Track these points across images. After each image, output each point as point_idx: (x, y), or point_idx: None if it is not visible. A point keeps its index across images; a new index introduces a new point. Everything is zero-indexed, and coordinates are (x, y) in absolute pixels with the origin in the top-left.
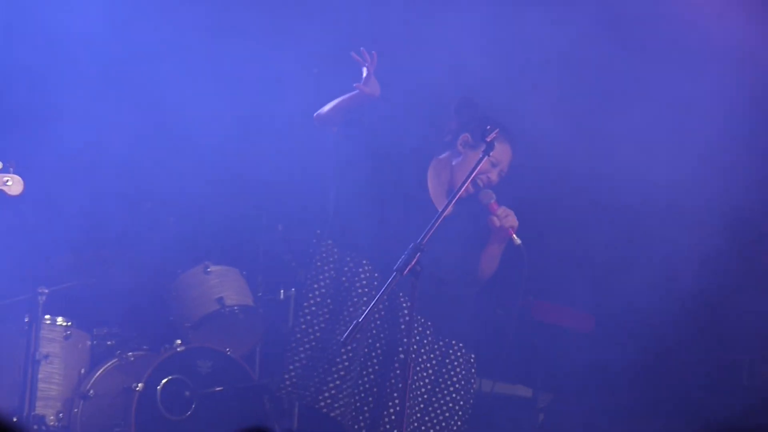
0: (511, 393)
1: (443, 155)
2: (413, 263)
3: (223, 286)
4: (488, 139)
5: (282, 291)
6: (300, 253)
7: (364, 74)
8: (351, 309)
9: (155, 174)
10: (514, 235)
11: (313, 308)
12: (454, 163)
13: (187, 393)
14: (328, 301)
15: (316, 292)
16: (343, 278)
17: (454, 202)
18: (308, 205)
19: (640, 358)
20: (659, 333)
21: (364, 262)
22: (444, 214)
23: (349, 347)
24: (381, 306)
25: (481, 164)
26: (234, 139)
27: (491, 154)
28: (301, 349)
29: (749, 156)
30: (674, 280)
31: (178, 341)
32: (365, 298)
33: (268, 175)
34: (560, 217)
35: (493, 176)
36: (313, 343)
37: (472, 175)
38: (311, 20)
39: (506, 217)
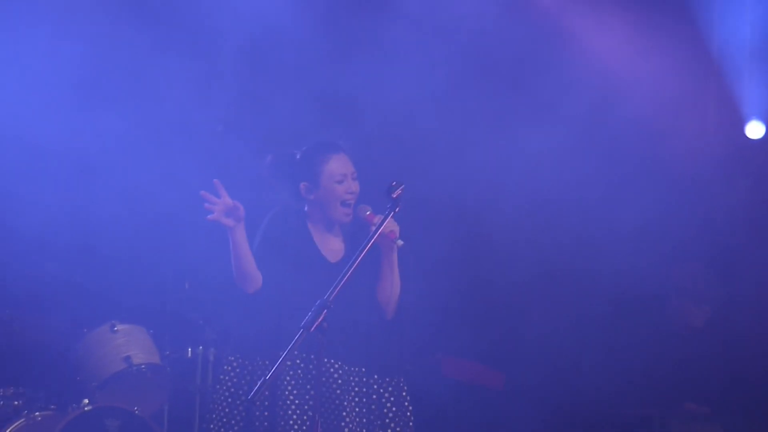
0: None
1: (306, 208)
2: (320, 320)
3: (130, 344)
4: (394, 196)
5: (189, 349)
6: (206, 311)
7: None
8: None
9: (59, 234)
10: (398, 240)
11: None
12: (315, 208)
13: None
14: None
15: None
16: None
17: (360, 259)
18: (214, 264)
19: (553, 415)
20: (570, 389)
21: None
22: (350, 272)
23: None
24: (293, 369)
25: (381, 222)
26: (138, 196)
27: (334, 169)
28: None
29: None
30: (579, 333)
31: (86, 401)
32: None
33: (175, 233)
34: (471, 271)
35: (353, 186)
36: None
37: (378, 233)
38: None
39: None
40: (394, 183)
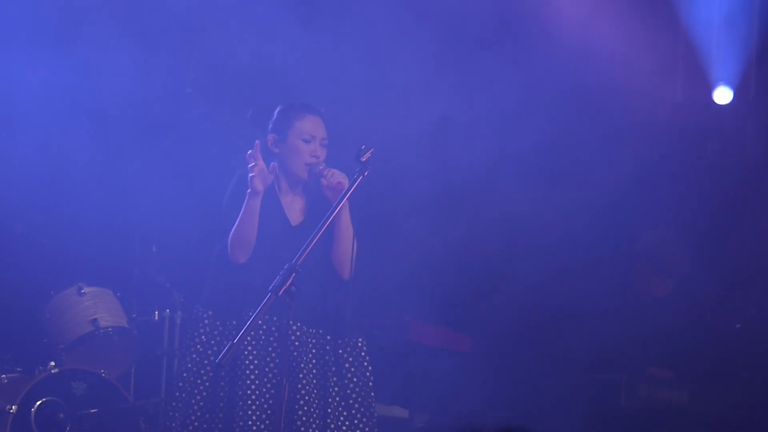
0: (387, 414)
1: (272, 165)
2: (288, 284)
3: (97, 307)
4: (363, 160)
5: (156, 312)
6: (173, 274)
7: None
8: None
9: (26, 195)
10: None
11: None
12: (280, 163)
13: (62, 415)
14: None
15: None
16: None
17: (329, 223)
18: (181, 227)
19: (517, 379)
20: (536, 354)
21: (210, 312)
22: (318, 236)
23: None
24: (255, 331)
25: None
26: (106, 159)
27: (304, 128)
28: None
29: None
30: (547, 299)
31: (53, 363)
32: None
33: (141, 196)
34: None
35: (318, 151)
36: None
37: (347, 195)
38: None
39: (332, 176)
40: (363, 147)
